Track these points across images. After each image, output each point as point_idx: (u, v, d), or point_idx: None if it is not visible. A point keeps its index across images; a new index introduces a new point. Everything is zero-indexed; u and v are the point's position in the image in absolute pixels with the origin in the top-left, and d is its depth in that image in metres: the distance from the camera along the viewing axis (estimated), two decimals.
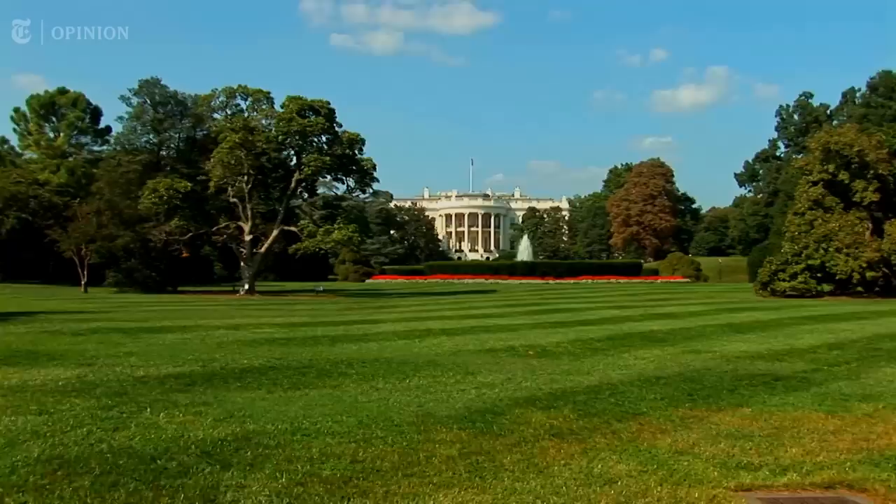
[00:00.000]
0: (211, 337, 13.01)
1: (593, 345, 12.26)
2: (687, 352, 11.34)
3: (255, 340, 12.51)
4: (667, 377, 8.26)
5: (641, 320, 17.94)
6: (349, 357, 9.92)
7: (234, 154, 37.15)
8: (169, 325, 15.27)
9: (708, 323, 16.93)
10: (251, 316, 19.35)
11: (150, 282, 39.47)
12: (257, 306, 25.91)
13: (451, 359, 10.06)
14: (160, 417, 5.75)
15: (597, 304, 25.61)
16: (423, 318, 19.11)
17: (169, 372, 8.29)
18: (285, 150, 41.04)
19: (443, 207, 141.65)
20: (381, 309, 24.24)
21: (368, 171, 40.32)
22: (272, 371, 8.47)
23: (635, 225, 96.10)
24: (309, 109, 38.45)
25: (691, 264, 69.65)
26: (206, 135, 48.35)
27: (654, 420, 5.97)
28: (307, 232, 37.95)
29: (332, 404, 6.44)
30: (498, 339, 13.02)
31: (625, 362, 10.03)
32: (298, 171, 39.09)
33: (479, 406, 6.40)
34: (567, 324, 16.78)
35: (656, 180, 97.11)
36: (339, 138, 39.11)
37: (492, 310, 22.87)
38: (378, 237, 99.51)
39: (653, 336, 13.76)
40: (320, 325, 16.09)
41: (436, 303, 28.63)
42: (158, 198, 36.95)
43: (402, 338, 13.37)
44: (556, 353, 11.13)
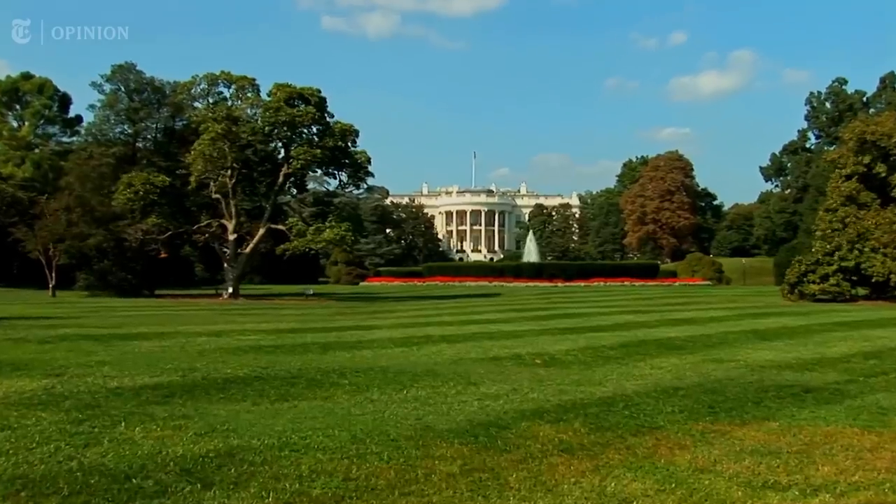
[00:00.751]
0: (191, 344, 13.01)
1: (606, 353, 12.26)
2: (708, 360, 11.32)
3: (239, 348, 12.50)
4: (686, 388, 8.24)
5: (658, 326, 17.92)
6: (341, 366, 9.91)
7: (216, 146, 37.15)
8: (145, 332, 15.26)
9: (730, 329, 16.91)
10: (235, 322, 19.34)
11: (125, 284, 39.46)
12: (242, 311, 25.89)
13: (451, 368, 10.05)
14: (136, 432, 5.74)
15: (609, 309, 25.58)
16: (422, 323, 19.09)
17: (145, 382, 8.28)
18: (272, 141, 41.02)
19: (443, 204, 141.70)
20: (376, 314, 24.23)
21: (362, 165, 40.32)
22: (258, 381, 8.47)
23: (651, 223, 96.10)
24: (298, 98, 38.44)
25: (712, 266, 69.62)
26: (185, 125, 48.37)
27: (671, 435, 5.96)
28: (296, 231, 37.93)
29: (322, 417, 6.44)
30: (502, 347, 13.01)
31: (640, 372, 10.02)
32: (287, 165, 39.10)
33: (482, 419, 6.39)
34: (577, 330, 16.77)
35: (674, 175, 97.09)
36: (330, 129, 39.10)
37: (496, 315, 22.85)
38: (373, 236, 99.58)
39: (670, 343, 13.74)
40: (310, 332, 16.08)
41: (435, 307, 28.61)
42: (134, 193, 36.93)
43: (399, 345, 13.37)
44: (565, 362, 11.12)
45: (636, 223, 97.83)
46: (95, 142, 54.10)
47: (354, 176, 40.92)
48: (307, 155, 37.65)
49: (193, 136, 40.48)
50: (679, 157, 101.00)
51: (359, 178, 41.27)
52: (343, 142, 39.26)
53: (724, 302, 31.09)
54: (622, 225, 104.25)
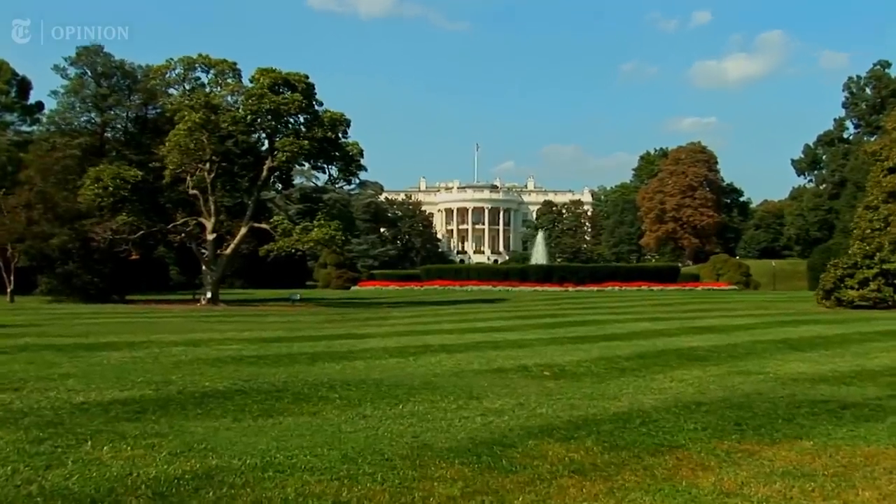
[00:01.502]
0: (166, 355, 13.00)
1: (621, 364, 12.26)
2: (734, 373, 11.32)
3: (219, 359, 12.51)
4: (709, 403, 8.24)
5: (679, 335, 17.93)
6: (331, 378, 9.91)
7: (193, 137, 37.21)
8: (115, 341, 15.26)
9: (759, 338, 16.92)
10: (214, 329, 19.34)
11: (92, 289, 39.46)
12: (222, 318, 25.88)
13: (451, 380, 10.05)
14: (104, 452, 5.73)
15: (625, 316, 25.59)
16: (419, 331, 19.11)
17: (115, 397, 8.27)
18: (255, 132, 41.08)
19: (442, 201, 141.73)
20: (369, 321, 24.24)
21: (354, 158, 40.37)
22: (239, 395, 8.46)
23: (671, 221, 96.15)
24: (283, 84, 38.50)
25: (739, 268, 69.64)
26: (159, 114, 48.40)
27: (694, 454, 5.95)
28: (281, 230, 37.98)
29: (310, 435, 6.43)
30: (507, 357, 13.02)
31: (659, 385, 10.01)
32: (271, 158, 39.14)
33: (486, 436, 6.39)
34: (589, 339, 16.78)
35: (697, 168, 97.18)
36: (319, 119, 39.16)
37: (500, 322, 22.87)
38: (366, 236, 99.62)
39: (692, 354, 13.75)
40: (297, 341, 16.09)
41: (434, 314, 28.62)
42: (102, 189, 36.96)
43: (395, 355, 13.38)
44: (576, 374, 11.12)
45: (654, 222, 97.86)
46: (59, 131, 53.97)
47: (345, 170, 40.96)
48: (293, 147, 37.70)
49: (168, 125, 40.53)
50: (702, 149, 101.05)
51: (350, 173, 41.31)
52: (333, 132, 39.32)
53: (752, 308, 31.09)
54: (639, 224, 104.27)
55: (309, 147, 38.22)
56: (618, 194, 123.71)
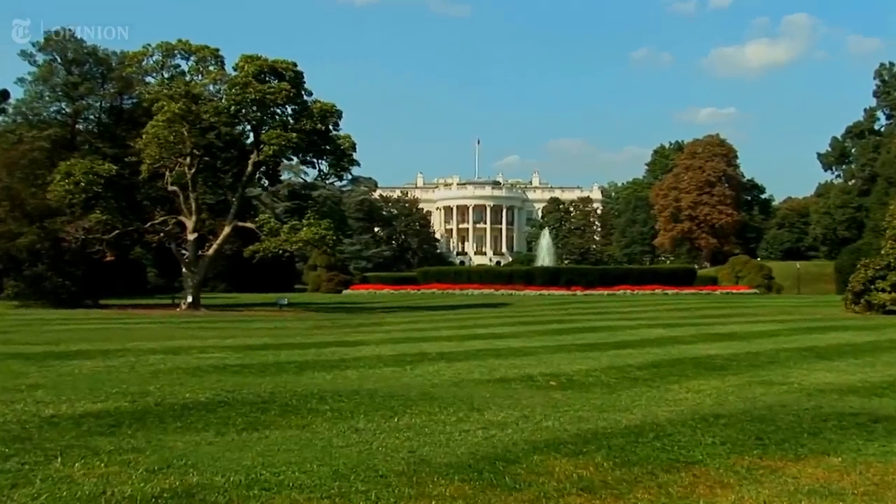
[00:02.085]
0: (143, 364, 13.00)
1: (633, 373, 12.28)
2: (755, 383, 11.34)
3: (200, 368, 12.51)
4: (728, 416, 8.24)
5: (695, 342, 17.95)
6: (321, 389, 9.91)
7: (172, 129, 37.20)
8: (87, 349, 15.25)
9: (782, 346, 16.94)
10: (196, 336, 19.34)
11: (63, 293, 39.43)
12: (203, 324, 25.88)
13: (451, 391, 10.06)
14: (75, 469, 5.72)
15: (637, 322, 25.62)
16: (416, 338, 19.14)
17: (87, 409, 8.27)
18: (239, 124, 41.06)
19: (441, 198, 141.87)
20: (361, 327, 24.25)
21: (346, 152, 40.36)
22: (222, 407, 8.46)
23: (687, 220, 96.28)
24: (270, 72, 38.49)
25: (760, 270, 69.70)
26: (135, 104, 48.37)
27: (712, 471, 5.95)
28: (268, 229, 37.98)
29: (299, 450, 6.43)
30: (511, 366, 13.04)
31: (674, 396, 10.02)
32: (256, 152, 39.14)
33: (488, 451, 6.39)
34: (599, 346, 16.81)
35: (715, 163, 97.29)
36: (308, 110, 39.16)
37: (503, 328, 22.90)
38: (359, 236, 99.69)
39: (710, 363, 13.77)
40: (284, 349, 16.11)
41: (432, 319, 28.64)
42: (74, 184, 36.90)
43: (390, 364, 13.39)
44: (585, 384, 11.13)
45: (669, 220, 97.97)
46: (26, 122, 53.79)
47: (337, 165, 40.93)
48: (281, 140, 37.69)
49: (145, 116, 40.48)
50: (721, 143, 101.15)
51: (342, 168, 41.28)
52: (323, 124, 39.32)
53: (775, 314, 31.11)
54: (652, 223, 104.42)
55: (297, 140, 38.19)
56: (629, 191, 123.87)
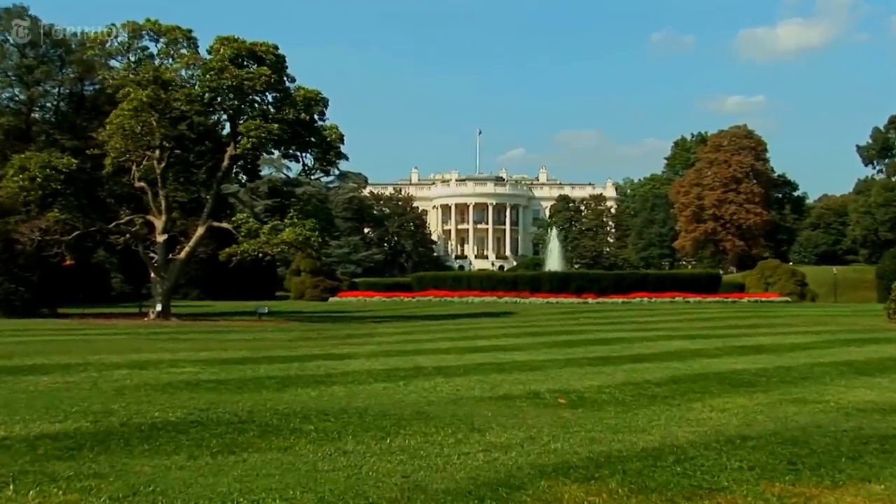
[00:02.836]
0: (106, 379, 12.98)
1: (651, 390, 12.29)
2: (786, 401, 11.34)
3: (170, 384, 12.50)
4: (757, 437, 8.24)
5: (720, 356, 17.97)
6: (305, 407, 9.90)
7: (140, 118, 37.19)
8: (44, 364, 15.22)
9: (817, 360, 16.95)
10: (165, 349, 19.31)
11: (16, 300, 39.34)
12: (174, 335, 25.83)
13: (449, 409, 10.06)
14: (29, 497, 5.70)
15: (656, 333, 25.64)
16: (411, 351, 19.15)
17: (44, 431, 8.25)
18: (215, 113, 41.09)
19: (438, 196, 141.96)
20: (350, 339, 24.24)
21: (333, 144, 40.39)
22: (195, 428, 8.45)
23: (711, 220, 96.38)
24: (248, 56, 38.51)
25: (792, 276, 69.76)
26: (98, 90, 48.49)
27: (738, 499, 5.94)
28: (246, 230, 37.96)
29: (280, 474, 6.42)
30: (515, 382, 13.06)
31: (696, 415, 10.02)
32: (233, 144, 39.15)
33: (490, 476, 6.38)
34: (613, 360, 16.82)
35: (742, 157, 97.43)
36: (291, 97, 39.19)
37: (507, 340, 22.91)
38: (347, 237, 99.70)
39: (737, 378, 13.78)
40: (264, 362, 16.09)
41: (428, 330, 28.64)
42: (29, 180, 36.85)
43: (381, 379, 13.39)
44: (597, 402, 11.14)
45: (691, 221, 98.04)
46: None
47: (322, 158, 40.96)
48: (260, 131, 37.70)
49: (109, 104, 40.53)
50: (748, 134, 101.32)
51: (328, 162, 41.31)
52: (307, 114, 39.34)
53: (809, 324, 31.12)
54: (672, 223, 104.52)
55: (279, 131, 38.19)
56: (647, 188, 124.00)
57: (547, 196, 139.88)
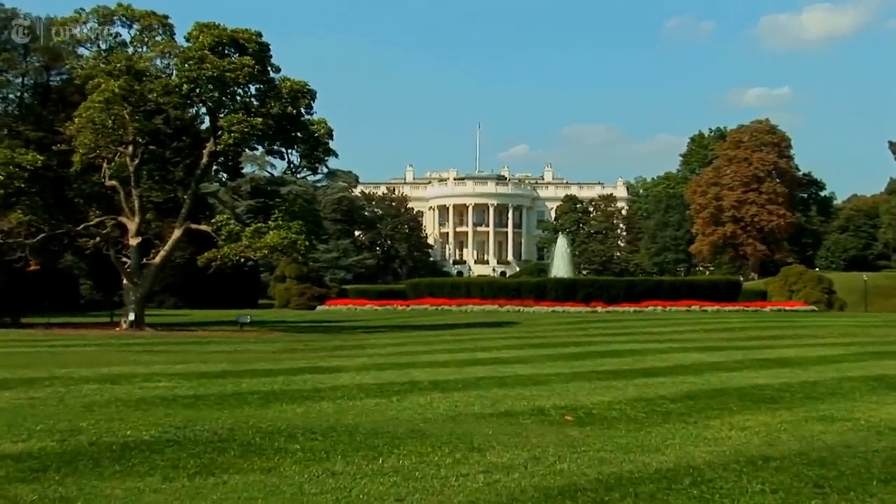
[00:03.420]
0: (74, 395, 12.97)
1: (665, 406, 12.30)
2: (813, 419, 11.35)
3: (144, 400, 12.49)
4: (781, 458, 8.25)
5: (740, 369, 17.98)
6: (291, 425, 9.89)
7: (111, 111, 37.17)
8: (6, 378, 15.20)
9: (846, 375, 16.97)
10: (139, 362, 19.30)
11: None
12: (149, 347, 25.81)
13: (446, 427, 10.06)
14: None
15: (670, 345, 25.66)
16: (405, 364, 19.15)
17: (6, 451, 8.23)
18: (193, 106, 41.10)
19: (435, 196, 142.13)
20: (339, 351, 24.24)
21: (321, 140, 40.40)
22: (171, 447, 8.43)
23: (730, 223, 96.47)
24: (229, 44, 38.52)
25: (819, 283, 69.81)
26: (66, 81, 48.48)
27: None
28: (227, 232, 37.93)
29: (263, 498, 6.42)
30: (518, 397, 13.07)
31: (714, 434, 10.02)
32: (213, 140, 39.13)
33: (490, 499, 6.40)
34: (624, 374, 16.84)
35: (764, 154, 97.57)
36: (275, 89, 39.20)
37: (509, 352, 22.91)
38: (336, 241, 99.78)
39: (758, 394, 13.79)
40: (246, 376, 16.08)
41: (424, 341, 28.65)
42: None
43: (373, 395, 13.39)
44: (607, 419, 11.15)
45: (708, 223, 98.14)
46: None
47: (310, 155, 40.97)
48: (242, 125, 37.66)
49: (78, 96, 40.49)
50: (771, 129, 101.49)
51: (316, 159, 41.32)
52: (293, 107, 39.35)
53: (837, 335, 31.11)
54: (688, 226, 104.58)
55: (262, 126, 38.16)
56: (661, 188, 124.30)
57: (552, 196, 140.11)
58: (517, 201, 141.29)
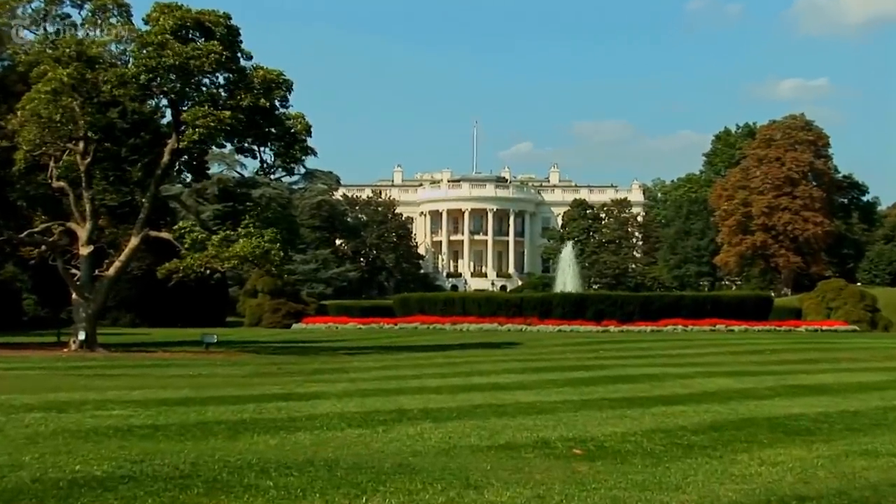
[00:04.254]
0: (15, 425, 12.94)
1: (686, 438, 12.32)
2: (854, 453, 11.37)
3: (96, 430, 12.47)
4: (818, 497, 8.27)
5: (772, 397, 18.02)
6: (263, 458, 9.88)
7: (60, 103, 37.10)
8: None
9: (891, 403, 17.05)
10: (90, 387, 19.25)
11: None
12: (102, 370, 25.75)
13: (439, 461, 10.06)
14: None
15: (692, 369, 25.72)
16: (392, 390, 19.15)
17: None
18: (153, 97, 41.04)
19: (426, 200, 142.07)
20: (318, 375, 24.23)
21: (298, 137, 40.43)
22: (126, 484, 8.41)
23: (760, 231, 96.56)
24: (194, 27, 38.53)
25: (861, 300, 69.87)
26: (7, 67, 48.32)
27: None
28: (191, 240, 37.85)
29: None
30: (520, 428, 13.08)
31: (742, 470, 10.04)
32: (176, 136, 39.11)
33: None
34: (640, 401, 16.87)
35: (799, 154, 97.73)
36: (246, 79, 39.21)
37: (510, 377, 22.94)
38: (315, 251, 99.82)
39: (792, 425, 13.83)
40: (212, 403, 16.09)
41: (414, 364, 28.66)
42: None
43: (356, 425, 13.40)
44: (620, 453, 11.16)
45: (736, 231, 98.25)
46: None
47: (285, 154, 40.98)
48: (209, 119, 37.63)
49: (21, 85, 40.40)
50: (806, 126, 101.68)
51: (292, 158, 41.33)
52: (267, 99, 39.36)
53: (881, 359, 31.17)
54: (713, 234, 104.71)
55: (231, 120, 38.13)
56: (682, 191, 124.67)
57: (559, 201, 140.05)
58: (519, 206, 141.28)
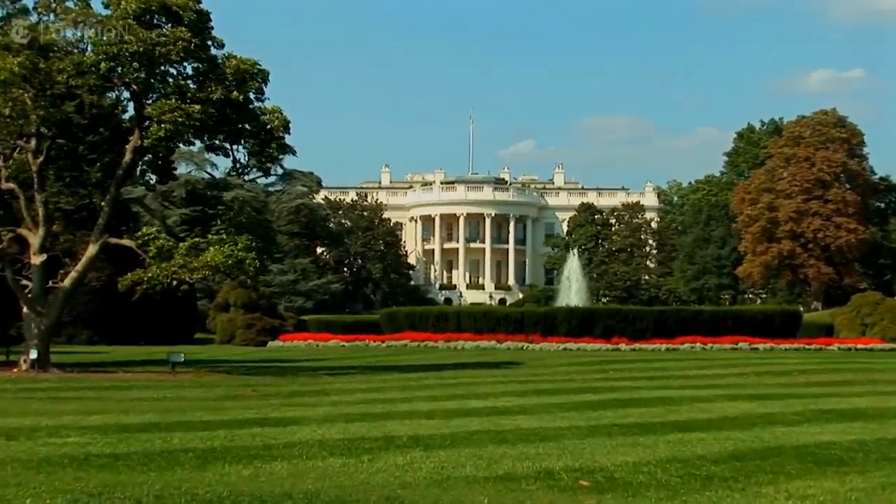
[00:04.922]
0: None
1: (705, 469, 12.34)
2: (892, 485, 11.44)
3: (49, 460, 12.48)
4: None
5: (800, 423, 18.04)
6: (235, 491, 9.89)
7: (9, 96, 37.08)
8: None
9: None
10: (43, 412, 19.25)
11: None
12: (55, 392, 25.72)
13: (430, 494, 10.10)
14: None
15: (711, 392, 25.75)
16: (379, 414, 19.14)
17: None
18: (114, 89, 41.04)
19: (417, 204, 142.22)
20: (297, 397, 24.25)
21: (274, 133, 40.40)
22: None
23: (788, 239, 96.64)
24: (160, 12, 38.49)
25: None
26: None
27: None
28: (155, 249, 37.80)
29: None
30: (521, 457, 13.09)
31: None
32: (139, 132, 39.07)
33: None
34: (654, 428, 16.88)
35: (830, 153, 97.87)
36: (218, 69, 39.19)
37: (509, 400, 22.96)
38: (293, 260, 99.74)
39: (823, 454, 13.84)
40: (179, 429, 16.08)
41: (403, 386, 28.67)
42: None
43: (339, 453, 13.41)
44: (632, 485, 11.19)
45: (760, 239, 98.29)
46: None
47: (260, 152, 40.96)
48: (176, 114, 37.58)
49: None
50: (839, 122, 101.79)
51: (268, 157, 41.32)
52: (240, 91, 39.35)
53: None
54: (735, 242, 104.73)
55: (201, 114, 38.06)
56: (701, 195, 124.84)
57: (565, 205, 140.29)
58: (520, 211, 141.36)
